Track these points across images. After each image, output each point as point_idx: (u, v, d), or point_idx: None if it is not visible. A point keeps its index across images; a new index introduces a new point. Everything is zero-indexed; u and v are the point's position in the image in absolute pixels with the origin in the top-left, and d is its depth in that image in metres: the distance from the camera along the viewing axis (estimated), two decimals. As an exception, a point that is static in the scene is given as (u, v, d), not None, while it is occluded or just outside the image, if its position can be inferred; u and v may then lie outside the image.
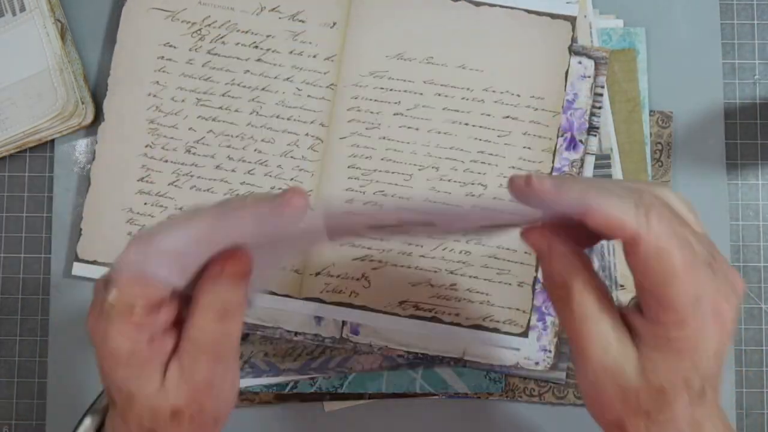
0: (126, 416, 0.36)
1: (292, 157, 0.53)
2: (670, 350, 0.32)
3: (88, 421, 0.42)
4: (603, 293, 0.34)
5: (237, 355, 0.37)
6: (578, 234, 0.34)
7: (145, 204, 0.54)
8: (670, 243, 0.31)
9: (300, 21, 0.54)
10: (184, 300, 0.36)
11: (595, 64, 0.53)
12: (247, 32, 0.54)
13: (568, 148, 0.53)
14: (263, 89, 0.54)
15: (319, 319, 0.52)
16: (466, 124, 0.53)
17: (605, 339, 0.33)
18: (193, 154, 0.54)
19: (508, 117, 0.53)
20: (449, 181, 0.53)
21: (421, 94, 0.53)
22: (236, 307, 0.35)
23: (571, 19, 0.53)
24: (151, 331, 0.35)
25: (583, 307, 0.34)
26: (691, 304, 0.31)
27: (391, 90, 0.53)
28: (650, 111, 0.54)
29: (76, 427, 0.42)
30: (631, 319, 0.34)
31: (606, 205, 0.31)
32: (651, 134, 0.54)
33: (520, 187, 0.33)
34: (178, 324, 0.36)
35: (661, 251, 0.31)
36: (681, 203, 0.35)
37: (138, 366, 0.35)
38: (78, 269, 0.53)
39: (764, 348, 0.54)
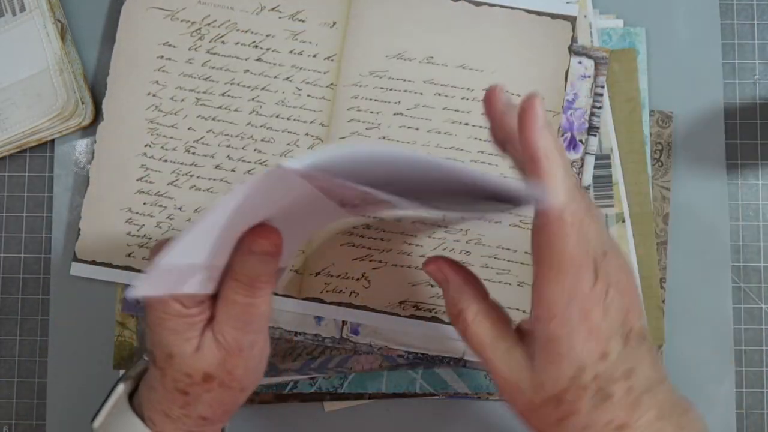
0: (164, 375, 0.40)
1: (292, 157, 0.53)
2: (551, 355, 0.35)
3: (121, 387, 0.45)
4: (498, 318, 0.38)
5: (265, 328, 0.41)
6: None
7: (145, 204, 0.53)
8: (571, 228, 0.33)
9: (300, 20, 0.54)
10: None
11: (595, 64, 0.53)
12: (246, 32, 0.54)
13: (568, 148, 0.53)
14: (263, 89, 0.54)
15: (319, 319, 0.52)
16: (466, 124, 0.53)
17: (502, 363, 0.36)
18: (193, 153, 0.54)
19: (508, 117, 0.53)
20: (449, 181, 0.53)
21: (421, 94, 0.53)
22: (263, 282, 0.39)
23: (571, 19, 0.53)
24: (200, 297, 0.39)
25: (479, 335, 0.37)
26: (562, 302, 0.34)
27: (391, 90, 0.53)
28: (650, 111, 0.54)
29: (110, 393, 0.45)
30: (524, 326, 0.38)
31: (554, 168, 0.33)
32: (651, 134, 0.54)
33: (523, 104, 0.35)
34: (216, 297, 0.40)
35: (561, 233, 0.33)
36: None
37: (182, 328, 0.39)
38: (76, 269, 0.53)
39: (764, 348, 0.54)
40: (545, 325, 0.34)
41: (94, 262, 0.53)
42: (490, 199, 0.37)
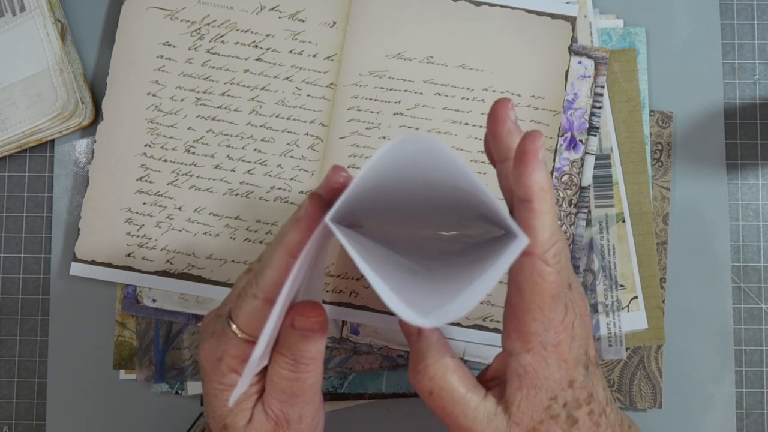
0: None
1: (291, 156, 0.53)
2: (526, 388, 0.36)
3: None
4: (466, 374, 0.38)
5: (315, 400, 0.40)
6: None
7: (144, 204, 0.53)
8: (553, 268, 0.34)
9: (300, 20, 0.54)
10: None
11: (595, 64, 0.53)
12: (246, 31, 0.54)
13: (568, 148, 0.53)
14: (263, 88, 0.54)
15: (319, 319, 0.52)
16: (466, 124, 0.53)
17: (476, 418, 0.37)
18: (193, 153, 0.54)
19: (508, 117, 0.53)
20: (449, 181, 0.53)
21: (421, 93, 0.53)
22: (308, 359, 0.37)
23: (571, 19, 0.53)
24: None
25: (450, 391, 0.37)
26: (538, 335, 0.35)
27: (391, 90, 0.53)
28: (650, 111, 0.54)
29: None
30: (497, 364, 0.38)
31: (545, 210, 0.33)
32: (651, 134, 0.54)
33: (510, 121, 0.36)
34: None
35: (543, 272, 0.34)
36: None
37: (237, 400, 0.38)
38: (76, 269, 0.53)
39: (764, 348, 0.54)
40: (521, 357, 0.36)
41: (93, 262, 0.53)
42: (483, 219, 0.37)
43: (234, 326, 0.37)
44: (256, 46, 0.54)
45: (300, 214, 0.35)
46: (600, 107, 0.53)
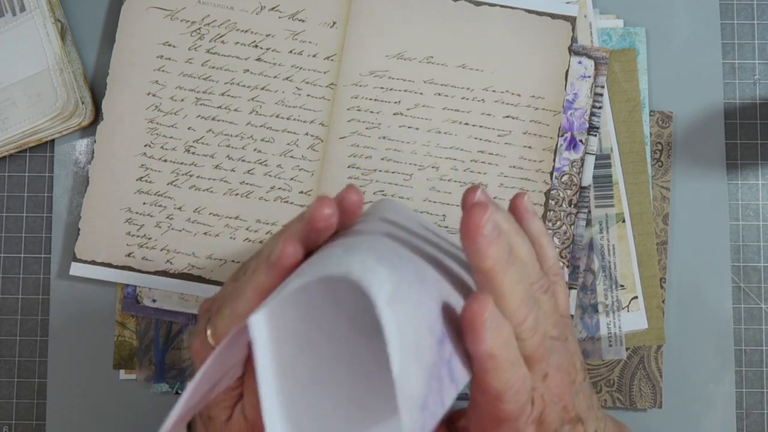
0: (206, 430, 0.40)
1: (291, 156, 0.53)
2: None
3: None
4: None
5: None
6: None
7: (144, 203, 0.53)
8: (512, 404, 0.32)
9: (300, 20, 0.54)
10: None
11: (595, 64, 0.53)
12: (246, 31, 0.54)
13: (568, 148, 0.53)
14: (263, 89, 0.54)
15: (319, 319, 0.52)
16: (466, 124, 0.53)
17: None
18: (193, 153, 0.54)
19: (508, 116, 0.53)
20: (449, 181, 0.53)
21: (421, 93, 0.53)
22: None
23: (571, 19, 0.53)
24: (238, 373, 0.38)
25: None
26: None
27: (391, 90, 0.53)
28: (650, 111, 0.54)
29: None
30: (465, 422, 0.37)
31: (502, 370, 0.31)
32: (651, 134, 0.54)
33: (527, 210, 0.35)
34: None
35: (503, 411, 0.32)
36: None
37: (219, 397, 0.39)
38: (76, 269, 0.53)
39: (764, 348, 0.54)
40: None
41: (93, 262, 0.53)
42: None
43: (210, 338, 0.37)
44: (256, 46, 0.54)
45: (273, 257, 0.34)
46: (600, 107, 0.53)
